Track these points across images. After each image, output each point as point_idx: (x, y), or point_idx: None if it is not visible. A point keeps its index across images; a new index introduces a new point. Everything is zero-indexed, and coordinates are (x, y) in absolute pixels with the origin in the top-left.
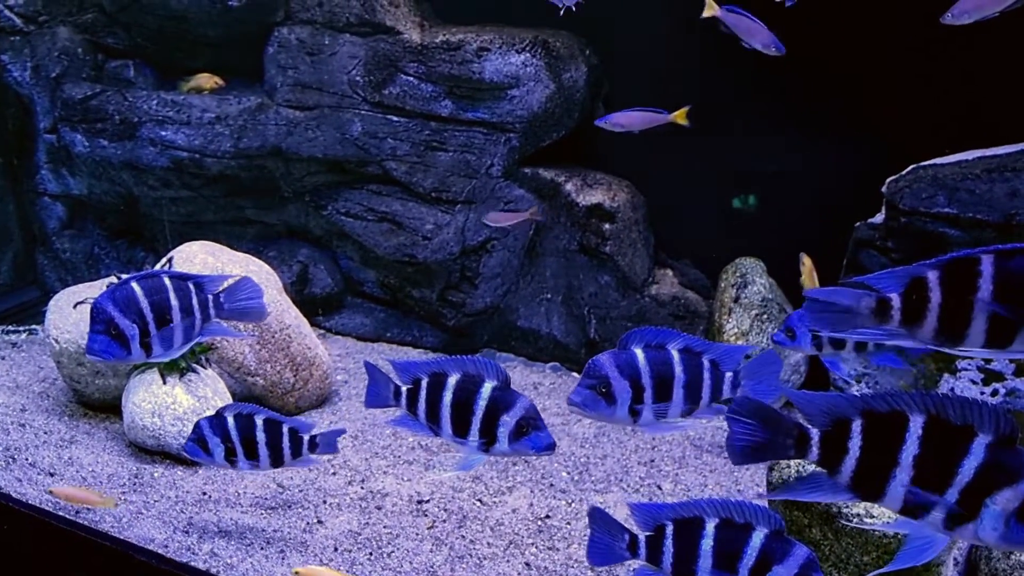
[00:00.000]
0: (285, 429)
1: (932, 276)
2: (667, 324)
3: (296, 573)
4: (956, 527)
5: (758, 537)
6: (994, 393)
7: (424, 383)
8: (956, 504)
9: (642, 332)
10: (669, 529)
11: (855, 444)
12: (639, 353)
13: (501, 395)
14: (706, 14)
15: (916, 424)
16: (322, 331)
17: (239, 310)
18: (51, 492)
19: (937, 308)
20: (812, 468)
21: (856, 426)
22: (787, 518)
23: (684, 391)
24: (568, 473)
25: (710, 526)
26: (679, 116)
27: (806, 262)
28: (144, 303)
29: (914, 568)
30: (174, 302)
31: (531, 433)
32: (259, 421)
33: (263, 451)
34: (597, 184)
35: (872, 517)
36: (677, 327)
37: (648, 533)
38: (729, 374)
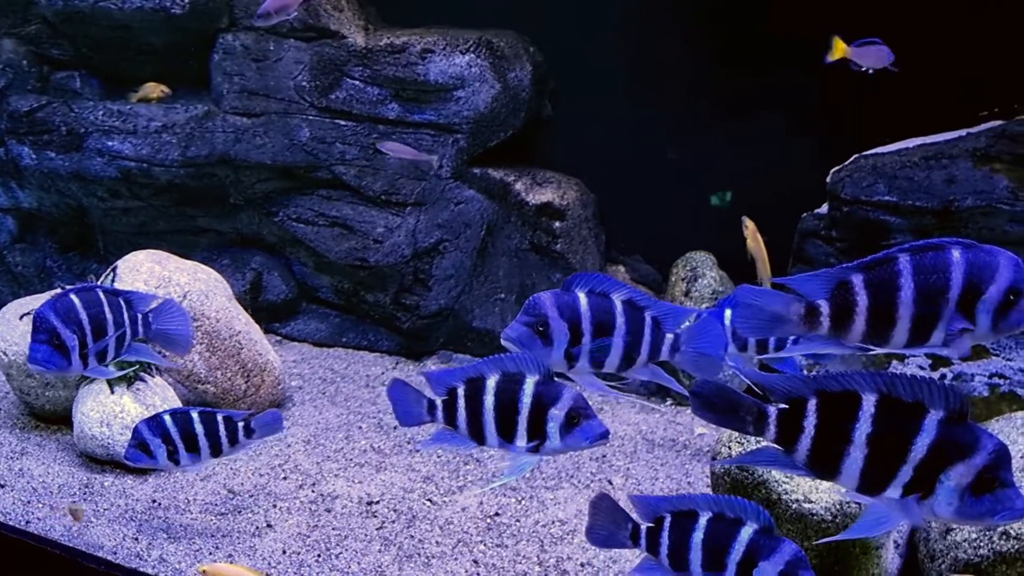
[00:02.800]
0: (220, 418)
1: (856, 280)
2: None
3: (203, 572)
4: (913, 504)
5: (746, 532)
6: (941, 377)
7: (461, 391)
8: (911, 481)
9: (587, 277)
10: (667, 521)
11: (810, 423)
12: (582, 297)
13: (546, 389)
14: (835, 57)
15: (869, 403)
16: (278, 338)
17: (165, 334)
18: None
19: (865, 311)
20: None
21: (811, 406)
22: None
23: (623, 343)
24: None
25: (703, 519)
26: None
27: (748, 224)
28: (83, 315)
29: (853, 552)
30: (108, 316)
31: (582, 423)
32: (195, 415)
33: (202, 443)
34: (547, 183)
35: (811, 502)
36: None
37: (649, 524)
38: (670, 336)
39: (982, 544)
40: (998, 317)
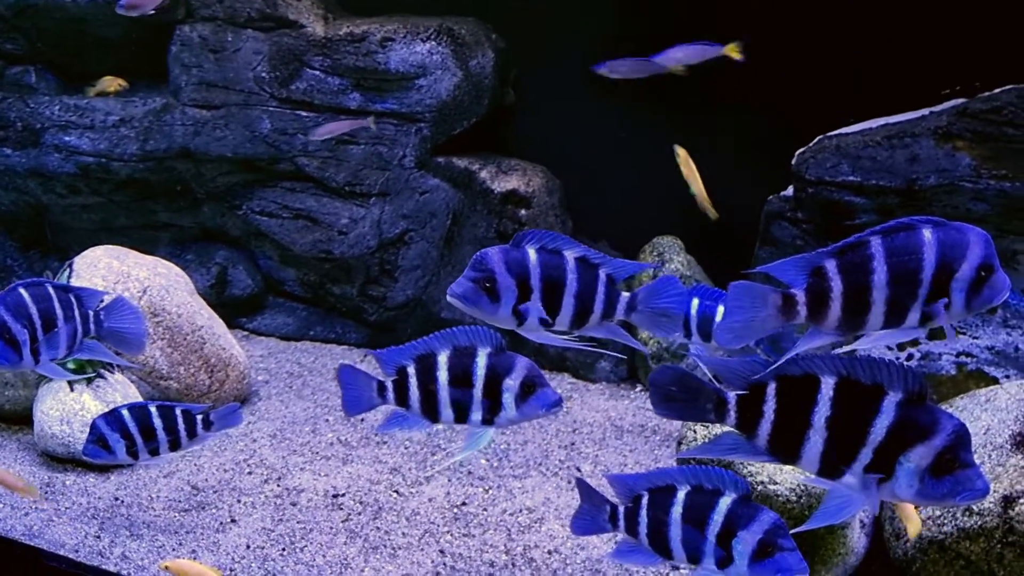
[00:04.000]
0: (178, 412)
1: (830, 265)
2: None
3: (165, 568)
4: (874, 486)
5: (724, 503)
6: (909, 358)
7: (412, 369)
8: (872, 463)
9: (538, 233)
10: (645, 499)
11: (770, 408)
12: (531, 252)
13: (499, 360)
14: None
15: (828, 386)
16: (245, 332)
17: (117, 333)
18: None
19: (840, 297)
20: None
21: (771, 390)
22: None
23: (575, 301)
24: (487, 460)
25: (681, 494)
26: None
27: (680, 152)
28: (33, 309)
29: (819, 532)
30: (59, 311)
31: (537, 392)
32: (153, 409)
33: (161, 436)
34: (512, 170)
35: (776, 483)
36: None
37: (627, 504)
38: (626, 294)
39: (946, 521)
40: (971, 294)
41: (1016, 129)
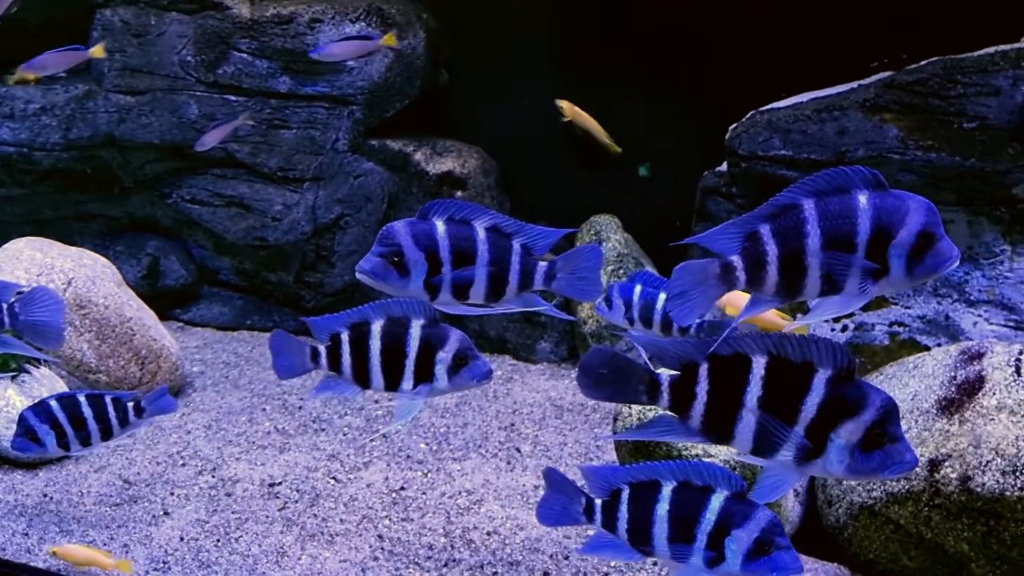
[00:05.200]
0: (108, 400)
1: (764, 230)
2: None
3: (53, 553)
4: (806, 463)
5: (717, 500)
6: (844, 328)
7: (345, 336)
8: (803, 440)
9: (446, 204)
10: (625, 494)
11: (702, 389)
12: (439, 224)
13: (433, 332)
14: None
15: (759, 365)
16: (180, 324)
17: (35, 325)
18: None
19: (776, 262)
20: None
21: (703, 371)
22: (627, 460)
23: (488, 272)
24: (426, 444)
25: (667, 490)
26: (389, 40)
27: (563, 104)
28: None
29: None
30: None
31: (469, 364)
32: (82, 398)
33: (92, 426)
34: (447, 152)
35: (711, 456)
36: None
37: (604, 499)
38: (543, 263)
39: (875, 486)
40: (912, 262)
41: (942, 100)
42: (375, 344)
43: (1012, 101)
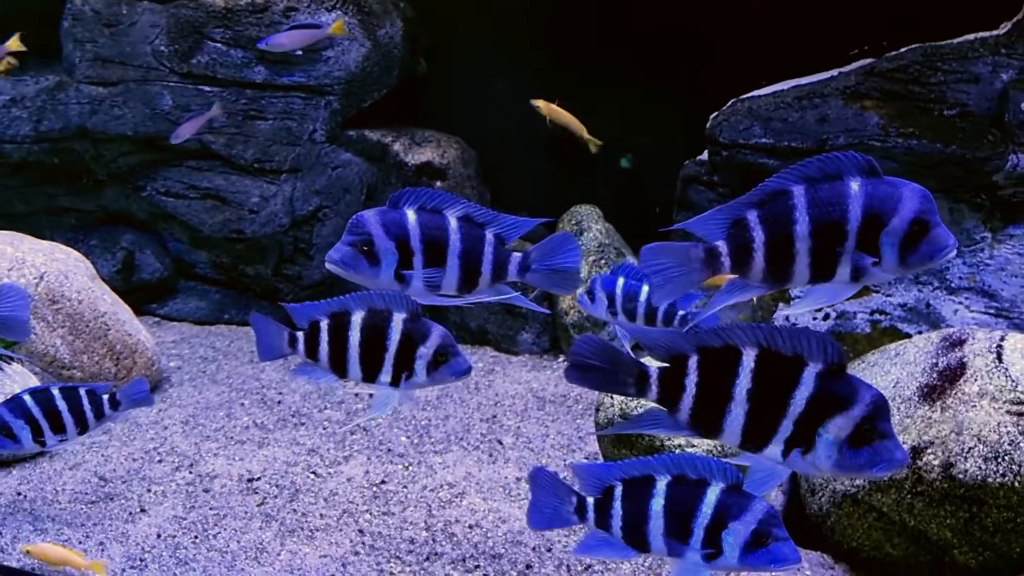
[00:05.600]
0: (83, 393)
1: (752, 216)
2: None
3: (26, 552)
4: (794, 458)
5: (713, 493)
6: (825, 317)
7: (324, 325)
8: (792, 435)
9: (417, 192)
10: (618, 491)
11: (691, 381)
12: (410, 214)
13: (415, 326)
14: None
15: (748, 358)
16: (156, 318)
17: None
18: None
19: (763, 248)
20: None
21: (692, 363)
22: (614, 455)
23: (460, 262)
24: (407, 437)
25: (661, 484)
26: (337, 28)
27: (539, 104)
28: None
29: None
30: None
31: (450, 360)
32: (56, 392)
33: (68, 420)
34: (426, 142)
35: (693, 447)
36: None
37: (596, 496)
38: (518, 254)
39: None
40: (906, 250)
41: (922, 87)
42: (354, 334)
43: (992, 88)
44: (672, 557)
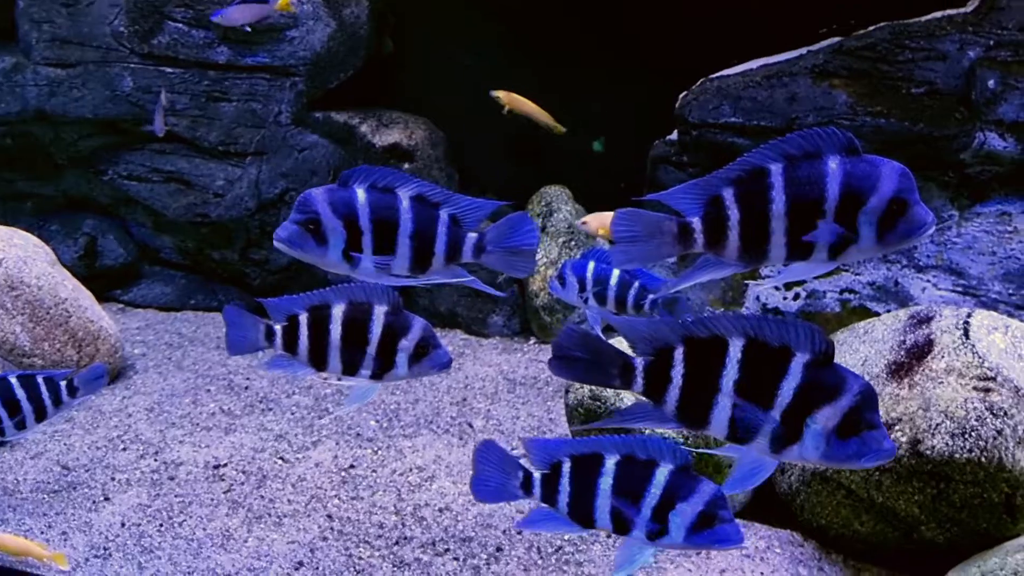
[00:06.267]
0: (40, 380)
1: (728, 194)
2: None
3: None
4: (782, 449)
5: (662, 474)
6: (796, 296)
7: (304, 318)
8: (779, 426)
9: (368, 171)
10: (566, 467)
11: (678, 373)
12: (360, 192)
13: (397, 320)
14: None
15: (735, 348)
16: (120, 305)
17: None
18: None
19: (738, 226)
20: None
21: (678, 354)
22: (576, 435)
23: (412, 243)
24: (377, 421)
25: (611, 463)
26: (283, 4)
27: (500, 95)
28: None
29: (707, 472)
30: None
31: (431, 353)
32: (13, 380)
33: (26, 408)
34: (393, 123)
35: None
36: None
37: (544, 471)
38: (473, 234)
39: None
40: (883, 228)
41: (890, 66)
42: (335, 328)
43: (959, 66)
44: (618, 534)
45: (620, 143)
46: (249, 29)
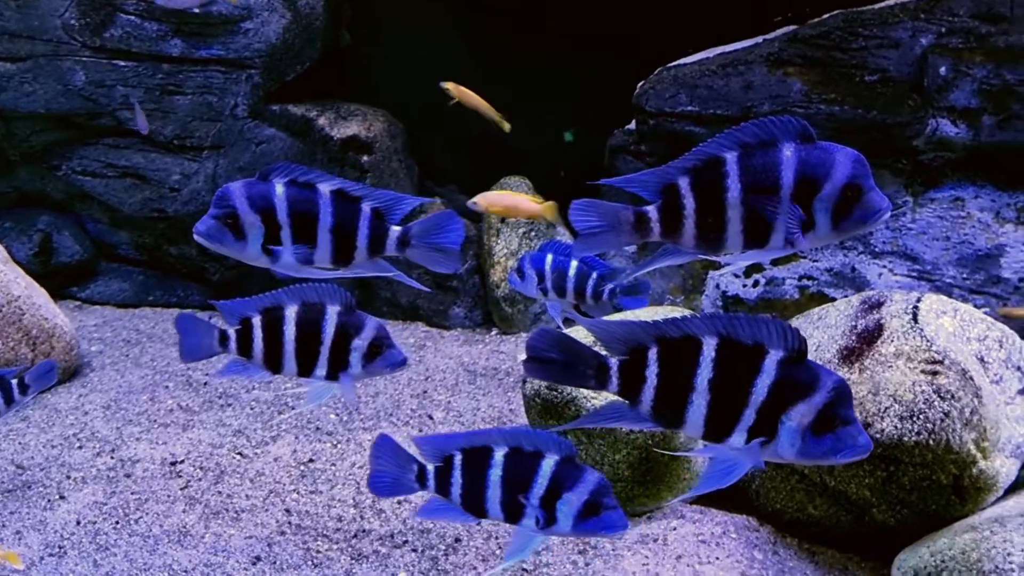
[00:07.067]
0: None
1: (683, 183)
2: None
3: None
4: (757, 448)
5: (548, 464)
6: (755, 284)
7: (257, 321)
8: (754, 424)
9: (289, 167)
10: (458, 459)
11: (652, 372)
12: (279, 187)
13: (349, 319)
14: None
15: (709, 347)
16: (77, 302)
17: None
18: None
19: (694, 215)
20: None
21: (652, 354)
22: (541, 426)
23: (332, 236)
24: (337, 415)
25: (499, 455)
26: None
27: (449, 86)
28: None
29: (663, 459)
30: None
31: (384, 352)
32: None
33: None
34: (351, 116)
35: None
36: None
37: (437, 464)
38: (397, 228)
39: None
40: (838, 215)
41: (843, 53)
42: (289, 329)
43: (911, 53)
44: (509, 523)
45: (582, 133)
46: (197, 11)
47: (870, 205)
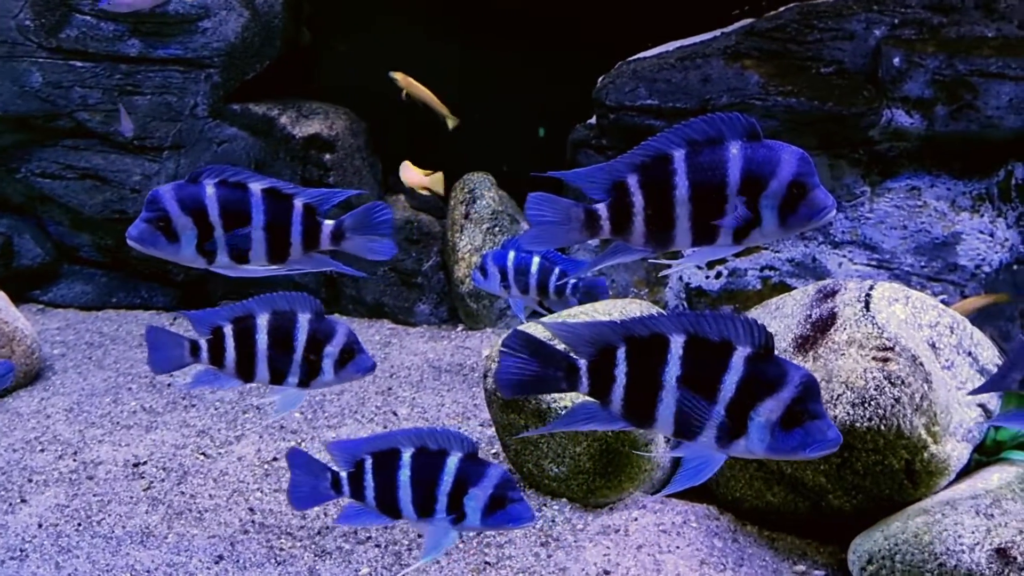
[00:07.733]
0: None
1: (632, 180)
2: (402, 249)
3: None
4: (728, 443)
5: (452, 462)
6: (718, 275)
7: (228, 330)
8: (724, 420)
9: (219, 168)
10: (368, 463)
11: (621, 372)
12: (209, 188)
13: (320, 326)
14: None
15: (676, 345)
16: (40, 305)
17: None
18: None
19: (642, 212)
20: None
21: (621, 353)
22: (504, 422)
23: (266, 234)
24: (301, 413)
25: (406, 456)
26: None
27: (397, 76)
28: None
29: (623, 450)
30: None
31: (355, 358)
32: None
33: None
34: (313, 114)
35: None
36: (412, 252)
37: (349, 470)
38: (329, 223)
39: None
40: (785, 212)
41: (799, 46)
42: (261, 338)
43: (866, 45)
44: (422, 522)
45: (545, 129)
46: (147, 11)
47: (815, 202)
